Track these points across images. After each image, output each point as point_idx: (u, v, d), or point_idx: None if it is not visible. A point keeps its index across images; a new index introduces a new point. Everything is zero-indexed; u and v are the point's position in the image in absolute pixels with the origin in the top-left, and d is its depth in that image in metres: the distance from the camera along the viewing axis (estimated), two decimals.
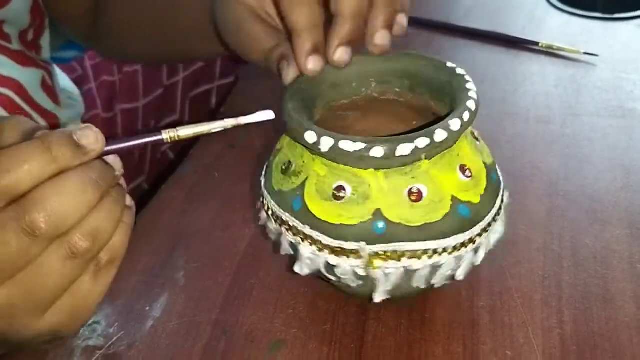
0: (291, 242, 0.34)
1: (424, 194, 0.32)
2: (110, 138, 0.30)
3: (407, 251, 0.32)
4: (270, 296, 0.39)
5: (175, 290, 0.40)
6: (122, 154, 0.31)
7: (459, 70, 0.36)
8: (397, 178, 0.32)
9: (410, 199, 0.32)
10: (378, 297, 0.33)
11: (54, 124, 0.56)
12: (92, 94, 0.68)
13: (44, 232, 0.28)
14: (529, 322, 0.36)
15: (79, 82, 0.68)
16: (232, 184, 0.48)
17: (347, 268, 0.33)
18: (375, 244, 0.32)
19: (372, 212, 0.32)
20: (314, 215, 0.32)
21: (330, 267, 0.33)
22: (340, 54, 0.36)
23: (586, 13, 0.68)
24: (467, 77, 0.35)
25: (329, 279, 0.35)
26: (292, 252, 0.35)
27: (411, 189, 0.32)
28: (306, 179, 0.33)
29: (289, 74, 0.37)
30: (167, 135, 0.31)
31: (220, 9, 0.44)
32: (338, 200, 0.32)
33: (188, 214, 0.46)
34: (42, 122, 0.54)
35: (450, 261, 0.33)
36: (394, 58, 0.38)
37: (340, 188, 0.32)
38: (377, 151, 0.30)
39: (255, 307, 0.39)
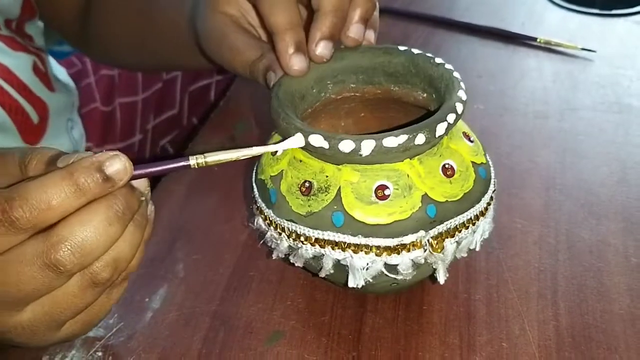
0: (337, 260, 0.33)
1: (455, 167, 0.33)
2: (137, 163, 0.30)
3: (458, 225, 0.33)
4: (269, 288, 0.40)
5: (175, 282, 0.41)
6: (149, 177, 0.31)
7: (416, 51, 0.37)
8: (429, 160, 0.33)
9: (446, 175, 0.33)
10: (442, 278, 0.33)
11: (44, 111, 0.56)
12: (91, 88, 0.68)
13: (69, 269, 0.29)
14: (524, 314, 0.37)
15: (78, 76, 0.68)
16: (232, 178, 0.48)
17: (408, 262, 0.33)
18: (431, 229, 0.32)
19: (420, 199, 0.32)
20: (364, 223, 0.32)
21: (391, 267, 0.33)
22: (322, 49, 0.37)
23: (584, 9, 0.68)
24: (429, 54, 0.36)
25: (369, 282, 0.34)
26: (332, 271, 0.34)
27: (444, 165, 0.33)
28: (338, 190, 0.32)
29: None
30: (194, 161, 0.31)
31: (202, 21, 0.44)
32: (383, 199, 0.32)
33: (188, 207, 0.47)
34: (31, 110, 0.54)
35: (483, 222, 0.34)
36: (346, 56, 0.38)
37: (382, 187, 0.32)
38: (420, 138, 0.31)
39: (254, 298, 0.39)
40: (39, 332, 0.32)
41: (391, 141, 0.31)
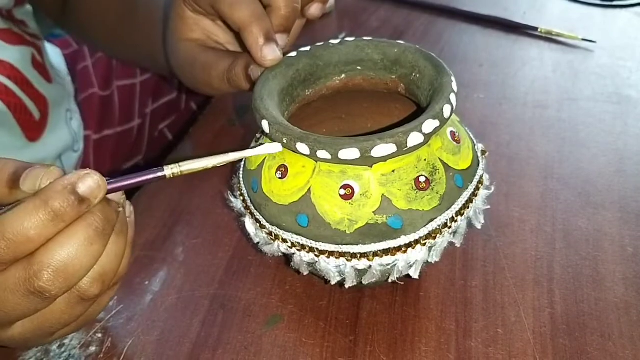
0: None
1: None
2: (108, 176, 0.29)
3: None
4: (268, 272, 0.40)
5: (174, 266, 0.41)
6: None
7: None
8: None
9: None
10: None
11: (44, 106, 0.55)
12: (88, 71, 0.68)
13: (55, 294, 0.28)
14: (520, 302, 0.37)
15: (74, 58, 0.68)
16: (232, 163, 0.48)
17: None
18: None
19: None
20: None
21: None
22: (278, 41, 0.37)
23: (586, 0, 0.68)
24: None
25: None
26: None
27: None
28: (443, 175, 0.32)
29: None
30: (169, 171, 0.30)
31: (171, 53, 0.45)
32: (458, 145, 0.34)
33: (188, 191, 0.47)
34: (32, 106, 0.54)
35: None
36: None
37: (454, 134, 0.34)
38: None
39: (253, 282, 0.39)
40: (31, 341, 0.32)
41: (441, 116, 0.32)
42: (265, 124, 0.32)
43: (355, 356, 0.35)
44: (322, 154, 0.30)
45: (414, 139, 0.30)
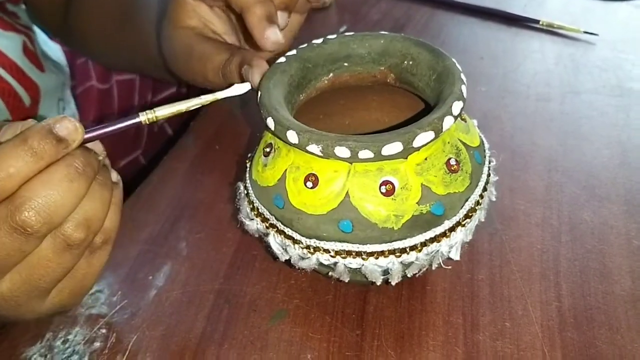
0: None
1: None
2: (87, 126, 0.30)
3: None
4: (273, 267, 0.40)
5: (178, 260, 0.41)
6: (102, 138, 0.32)
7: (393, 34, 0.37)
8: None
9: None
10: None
11: (35, 93, 0.55)
12: (87, 65, 0.67)
13: (37, 230, 0.28)
14: (527, 295, 0.37)
15: (73, 53, 0.67)
16: (234, 156, 0.48)
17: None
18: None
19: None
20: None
21: None
22: (279, 20, 0.36)
23: None
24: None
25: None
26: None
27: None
28: (470, 165, 0.33)
29: (254, 76, 0.35)
30: (144, 117, 0.32)
31: (167, 40, 0.44)
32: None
33: (191, 186, 0.47)
34: (23, 92, 0.53)
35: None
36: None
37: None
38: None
39: (258, 277, 0.39)
40: (22, 303, 0.32)
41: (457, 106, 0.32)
42: (292, 135, 0.30)
43: (363, 350, 0.34)
44: (365, 153, 0.29)
45: (447, 122, 0.31)
